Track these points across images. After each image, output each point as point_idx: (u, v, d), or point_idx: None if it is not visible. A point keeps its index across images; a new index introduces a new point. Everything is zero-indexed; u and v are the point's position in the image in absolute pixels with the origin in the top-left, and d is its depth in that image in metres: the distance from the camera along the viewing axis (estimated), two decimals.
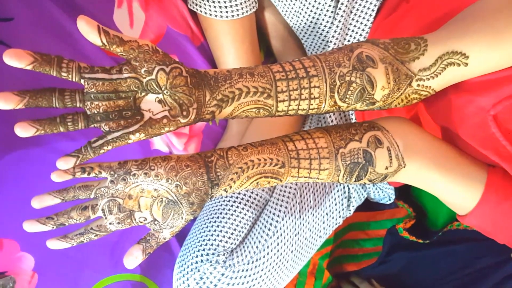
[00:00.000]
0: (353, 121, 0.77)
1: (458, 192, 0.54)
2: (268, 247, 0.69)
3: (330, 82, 0.49)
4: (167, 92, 0.45)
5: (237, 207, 0.71)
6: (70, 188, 0.46)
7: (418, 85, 0.51)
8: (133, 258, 0.48)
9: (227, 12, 0.71)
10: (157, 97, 0.45)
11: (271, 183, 0.51)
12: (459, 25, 0.51)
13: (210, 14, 0.72)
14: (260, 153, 0.49)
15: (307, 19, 0.72)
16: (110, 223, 0.47)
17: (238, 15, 0.72)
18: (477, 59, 0.49)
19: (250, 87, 0.48)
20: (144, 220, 0.47)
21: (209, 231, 0.70)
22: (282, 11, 0.75)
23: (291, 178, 0.51)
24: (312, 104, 0.50)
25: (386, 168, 0.52)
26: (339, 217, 0.79)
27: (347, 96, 0.50)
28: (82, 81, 0.42)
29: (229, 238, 0.69)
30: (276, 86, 0.48)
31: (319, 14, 0.71)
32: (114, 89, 0.44)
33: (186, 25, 0.78)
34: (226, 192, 0.49)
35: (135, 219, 0.47)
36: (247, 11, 0.73)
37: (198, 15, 0.75)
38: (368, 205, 0.96)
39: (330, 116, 0.74)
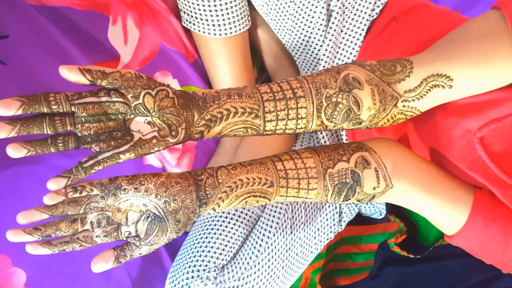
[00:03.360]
0: (344, 138, 0.78)
1: (444, 214, 0.55)
2: (259, 263, 0.70)
3: (317, 103, 0.50)
4: (155, 114, 0.46)
5: (229, 223, 0.72)
6: (59, 204, 0.46)
7: (404, 106, 0.52)
8: (104, 262, 0.48)
9: (220, 30, 0.72)
10: (146, 119, 0.46)
11: (259, 202, 0.51)
12: (444, 48, 0.52)
13: (204, 32, 0.73)
14: (249, 172, 0.50)
15: (299, 37, 0.74)
16: (97, 236, 0.47)
17: (231, 33, 0.73)
18: (462, 81, 0.50)
19: (238, 107, 0.49)
20: (128, 235, 0.48)
21: (200, 247, 0.70)
22: (275, 29, 0.76)
23: (279, 197, 0.52)
24: (299, 124, 0.51)
25: (374, 188, 0.53)
26: (331, 232, 0.80)
27: (334, 116, 0.51)
28: (72, 107, 0.43)
29: (220, 254, 0.70)
30: (263, 106, 0.49)
31: (311, 33, 0.72)
32: (104, 111, 0.45)
33: (180, 42, 0.79)
34: (214, 210, 0.50)
35: (121, 233, 0.48)
36: (240, 29, 0.74)
37: (192, 32, 0.77)
38: (360, 220, 0.96)
39: (321, 133, 0.75)
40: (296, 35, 0.74)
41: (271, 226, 0.72)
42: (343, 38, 0.72)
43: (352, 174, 0.52)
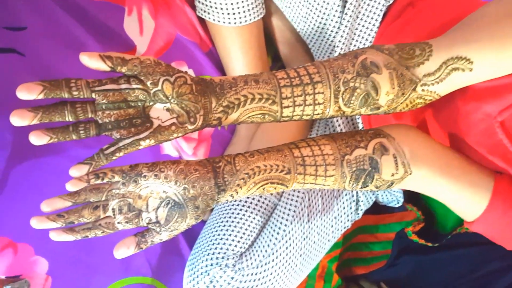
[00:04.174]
0: (360, 126, 0.78)
1: (464, 199, 0.54)
2: (277, 251, 0.70)
3: (335, 88, 0.50)
4: (174, 101, 0.46)
5: (246, 211, 0.72)
6: (81, 191, 0.47)
7: (423, 90, 0.51)
8: (125, 248, 0.48)
9: (235, 18, 0.72)
10: (165, 106, 0.46)
11: (277, 189, 0.51)
12: (464, 30, 0.51)
13: (218, 21, 0.73)
14: (266, 159, 0.50)
15: (314, 24, 0.73)
16: (118, 222, 0.48)
17: (246, 21, 0.73)
18: (482, 64, 0.49)
19: (255, 93, 0.49)
20: (149, 221, 0.48)
21: (219, 235, 0.71)
22: (289, 16, 0.76)
23: (297, 184, 0.52)
24: (316, 110, 0.51)
25: (392, 175, 0.53)
26: (348, 220, 0.80)
27: (351, 102, 0.51)
28: (93, 94, 0.44)
29: (238, 242, 0.70)
30: (280, 92, 0.49)
31: (326, 19, 0.72)
32: (124, 98, 0.45)
33: (195, 31, 0.79)
34: (232, 197, 0.50)
35: (142, 219, 0.48)
36: (254, 17, 0.73)
37: (206, 22, 0.77)
38: (377, 208, 0.95)
39: (337, 121, 0.74)
40: (311, 22, 0.73)
41: (288, 215, 0.72)
42: (359, 24, 0.72)
43: (370, 160, 0.52)
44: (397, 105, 0.52)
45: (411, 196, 0.92)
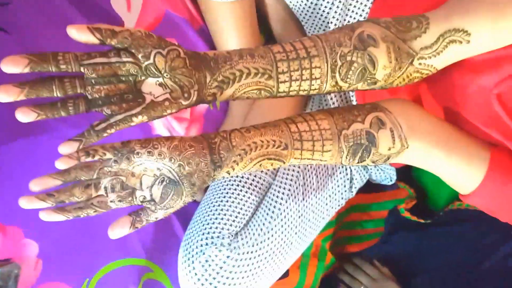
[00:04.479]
0: (354, 103, 0.77)
1: (461, 172, 0.54)
2: (272, 229, 0.70)
3: (331, 62, 0.49)
4: (166, 75, 0.45)
5: (241, 190, 0.72)
6: (71, 169, 0.45)
7: (420, 63, 0.51)
8: (120, 228, 0.47)
9: None
10: (158, 81, 0.45)
11: (274, 165, 0.51)
12: (461, 2, 0.51)
13: None
14: (262, 135, 0.49)
15: (307, 0, 0.72)
16: (111, 201, 0.47)
17: None
18: (479, 36, 0.49)
19: (250, 68, 0.47)
20: (143, 199, 0.47)
21: (213, 214, 0.70)
22: None
23: (294, 160, 0.51)
24: (313, 85, 0.50)
25: (389, 149, 0.52)
26: (342, 198, 0.80)
27: (348, 76, 0.50)
28: (81, 68, 0.42)
29: (233, 221, 0.69)
30: (277, 67, 0.48)
31: None
32: (114, 72, 0.44)
33: (185, 8, 0.77)
34: (229, 174, 0.49)
35: (135, 198, 0.47)
36: None
37: None
38: (369, 187, 0.95)
39: (331, 99, 0.73)
40: None
41: (283, 193, 0.72)
42: None
43: (367, 135, 0.51)
44: (394, 79, 0.51)
45: (402, 174, 0.92)
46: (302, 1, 0.72)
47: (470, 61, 0.53)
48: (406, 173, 0.94)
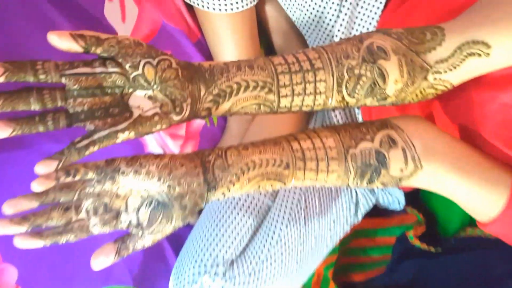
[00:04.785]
0: (360, 120, 0.73)
1: (480, 197, 0.50)
2: (271, 257, 0.64)
3: (338, 75, 0.45)
4: (156, 87, 0.41)
5: (237, 214, 0.67)
6: (49, 190, 0.41)
7: (435, 78, 0.47)
8: (103, 256, 0.42)
9: (225, 5, 0.67)
10: (147, 93, 0.41)
11: (274, 186, 0.46)
12: (480, 12, 0.47)
13: (208, 7, 0.68)
14: (261, 152, 0.45)
15: (311, 13, 0.68)
16: (93, 225, 0.42)
17: (237, 8, 0.68)
18: (501, 49, 0.45)
19: (249, 81, 0.44)
20: (129, 223, 0.43)
21: (207, 240, 0.65)
22: (284, 4, 0.71)
23: (296, 181, 0.47)
24: (317, 100, 0.46)
25: (401, 170, 0.48)
26: (346, 224, 0.75)
27: (356, 91, 0.46)
28: (62, 79, 0.39)
29: (229, 247, 0.64)
30: (278, 80, 0.45)
31: (324, 7, 0.67)
32: (99, 84, 0.40)
33: (182, 19, 0.74)
34: (224, 195, 0.45)
35: (120, 222, 0.43)
36: (247, 4, 0.68)
37: (195, 8, 0.71)
38: (375, 211, 0.90)
39: (336, 116, 0.69)
40: (307, 10, 0.68)
41: (283, 217, 0.67)
42: (359, 12, 0.67)
43: (377, 154, 0.47)
44: (406, 95, 0.48)
45: (411, 198, 0.88)
46: (305, 14, 0.69)
47: (489, 76, 0.49)
48: (414, 197, 0.90)
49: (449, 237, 0.86)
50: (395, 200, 0.80)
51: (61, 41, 0.37)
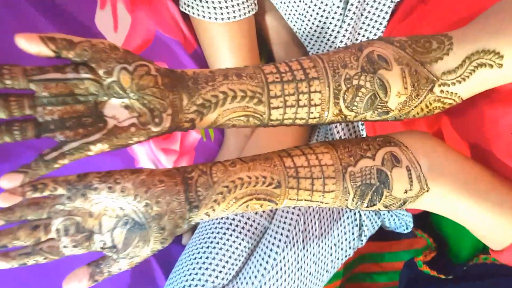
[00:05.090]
0: (364, 134, 0.68)
1: (493, 223, 0.45)
2: (265, 283, 0.60)
3: (334, 86, 0.42)
4: (133, 95, 0.38)
5: (231, 235, 0.62)
6: (16, 206, 0.38)
7: (442, 91, 0.43)
8: (77, 282, 0.39)
9: (222, 14, 0.64)
10: (123, 102, 0.38)
11: (264, 207, 0.42)
12: (490, 20, 0.43)
13: (204, 16, 0.65)
14: (250, 169, 0.41)
15: (313, 23, 0.65)
16: (64, 246, 0.39)
17: (234, 17, 0.64)
18: None
19: (236, 90, 0.40)
20: (103, 245, 0.39)
21: (197, 263, 0.60)
22: (285, 14, 0.68)
23: (289, 201, 0.43)
24: (312, 113, 0.43)
25: (405, 192, 0.44)
26: (349, 248, 0.70)
27: (355, 104, 0.42)
28: (31, 85, 0.36)
29: (220, 272, 0.60)
30: (268, 90, 0.41)
31: (326, 18, 0.64)
32: (71, 91, 0.37)
33: (178, 29, 0.71)
34: (208, 216, 0.41)
35: (94, 243, 0.39)
36: (244, 13, 0.65)
37: (191, 18, 0.69)
38: (382, 234, 0.86)
39: (338, 132, 0.65)
40: (309, 20, 0.65)
41: (279, 240, 0.62)
42: (363, 23, 0.63)
43: (379, 173, 0.43)
44: (410, 109, 0.44)
45: (419, 221, 0.83)
46: (307, 24, 0.66)
47: (501, 90, 0.45)
48: (424, 220, 0.85)
49: (461, 264, 0.80)
50: (403, 224, 0.75)
51: (30, 44, 0.35)
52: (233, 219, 0.63)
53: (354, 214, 0.69)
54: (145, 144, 0.64)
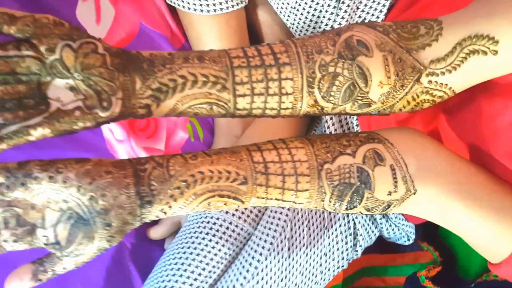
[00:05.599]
0: (356, 129, 0.64)
1: (489, 231, 0.41)
2: None
3: (308, 73, 0.38)
4: (78, 75, 0.34)
5: (210, 240, 0.58)
6: None
7: (430, 81, 0.39)
8: (18, 281, 0.36)
9: (208, 6, 0.61)
10: (67, 83, 0.34)
11: (229, 205, 0.38)
12: (485, 2, 0.39)
13: (189, 8, 0.62)
14: (213, 163, 0.38)
15: (306, 17, 0.62)
16: (4, 241, 0.35)
17: (221, 9, 0.61)
18: (511, 45, 0.37)
19: (197, 74, 0.37)
20: (46, 240, 0.36)
21: (171, 269, 0.57)
22: (277, 8, 0.64)
23: (257, 200, 0.39)
24: (284, 102, 0.39)
25: (389, 193, 0.40)
26: (342, 259, 0.65)
27: (332, 94, 0.38)
28: None
29: (195, 280, 0.56)
30: (233, 75, 0.37)
31: (320, 11, 0.60)
32: (11, 70, 0.34)
33: (165, 23, 0.68)
34: (165, 214, 0.37)
35: (36, 238, 0.35)
36: (233, 6, 0.62)
37: (178, 11, 0.66)
38: (385, 247, 0.82)
39: (329, 127, 0.60)
40: (302, 14, 0.62)
41: (263, 247, 0.58)
42: (359, 17, 0.60)
43: (359, 172, 0.39)
44: (395, 101, 0.40)
45: (426, 232, 0.78)
46: (300, 18, 0.62)
47: (501, 83, 0.41)
48: (431, 231, 0.80)
49: (469, 281, 0.74)
50: (404, 234, 0.70)
51: None
52: (214, 224, 0.59)
53: (348, 222, 0.64)
54: (125, 142, 0.61)
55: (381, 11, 0.59)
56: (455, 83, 0.39)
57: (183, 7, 0.62)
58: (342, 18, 0.58)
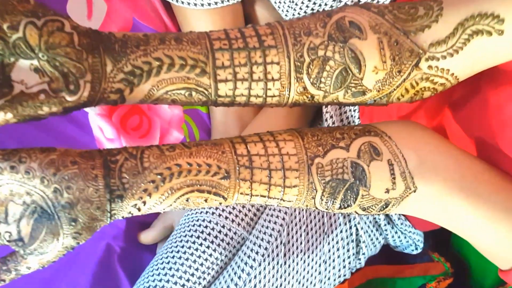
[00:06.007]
0: (357, 121, 0.60)
1: (497, 234, 0.37)
2: None
3: (296, 57, 0.35)
4: (43, 56, 0.32)
5: (201, 244, 0.55)
6: None
7: (430, 66, 0.36)
8: None
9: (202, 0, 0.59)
10: (32, 64, 0.32)
11: (210, 202, 0.35)
12: None
13: (183, 2, 0.60)
14: (193, 155, 0.35)
15: (305, 12, 0.60)
16: None
17: (216, 3, 0.59)
18: None
19: (174, 57, 0.34)
20: (9, 237, 0.33)
21: (163, 269, 0.54)
22: (275, 3, 0.63)
23: (241, 196, 0.36)
24: (270, 89, 0.36)
25: (387, 191, 0.36)
26: (344, 267, 0.61)
27: (322, 80, 0.36)
28: None
29: (188, 281, 0.53)
30: (214, 58, 0.34)
31: (319, 5, 0.58)
32: None
33: (158, 19, 0.67)
34: (139, 210, 0.34)
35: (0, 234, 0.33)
36: (228, 0, 0.60)
37: (172, 6, 0.65)
38: (394, 257, 0.78)
39: (327, 120, 0.57)
40: (300, 8, 0.60)
41: (256, 252, 0.54)
42: None
43: (353, 167, 0.36)
44: (392, 89, 0.37)
45: (438, 242, 0.76)
46: (298, 13, 0.61)
47: (508, 69, 0.38)
48: (443, 240, 0.77)
49: None
50: (411, 243, 0.66)
51: None
52: (206, 227, 0.57)
53: (350, 228, 0.61)
54: (115, 141, 0.59)
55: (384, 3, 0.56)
56: (458, 68, 0.36)
57: (177, 1, 0.61)
58: None
